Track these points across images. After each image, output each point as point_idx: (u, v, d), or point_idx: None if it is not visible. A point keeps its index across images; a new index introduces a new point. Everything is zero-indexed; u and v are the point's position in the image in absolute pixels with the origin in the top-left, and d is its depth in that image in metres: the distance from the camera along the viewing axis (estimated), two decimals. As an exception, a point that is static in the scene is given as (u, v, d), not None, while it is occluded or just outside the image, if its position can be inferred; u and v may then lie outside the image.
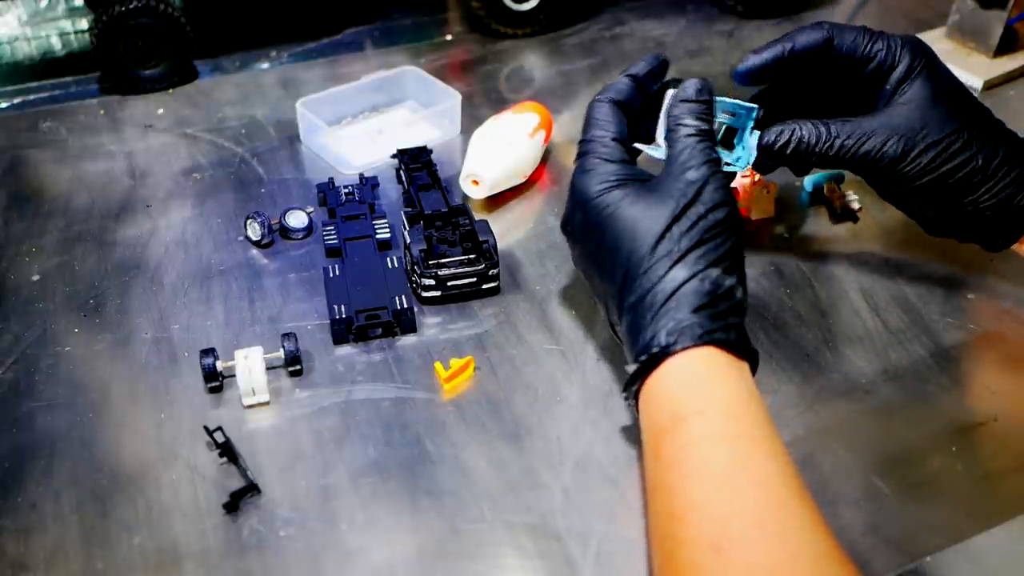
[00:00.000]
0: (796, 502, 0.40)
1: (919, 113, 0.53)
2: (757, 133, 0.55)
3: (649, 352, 0.45)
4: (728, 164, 0.54)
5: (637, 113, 0.55)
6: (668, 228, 0.46)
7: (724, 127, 0.55)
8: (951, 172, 0.52)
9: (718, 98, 0.53)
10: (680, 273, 0.46)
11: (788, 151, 0.54)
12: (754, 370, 0.46)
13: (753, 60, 0.55)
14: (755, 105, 0.54)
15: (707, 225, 0.46)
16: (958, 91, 0.54)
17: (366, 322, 0.56)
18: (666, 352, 0.44)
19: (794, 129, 0.54)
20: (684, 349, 0.44)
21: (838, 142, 0.53)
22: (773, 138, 0.54)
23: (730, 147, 0.55)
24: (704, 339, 0.44)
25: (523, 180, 0.70)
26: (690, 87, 0.51)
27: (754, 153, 0.55)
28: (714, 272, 0.46)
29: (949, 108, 0.53)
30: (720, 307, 0.45)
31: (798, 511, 0.39)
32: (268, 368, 0.54)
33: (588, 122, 0.53)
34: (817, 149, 0.53)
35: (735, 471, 0.40)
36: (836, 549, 0.39)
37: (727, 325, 0.45)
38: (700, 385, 0.44)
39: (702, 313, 0.45)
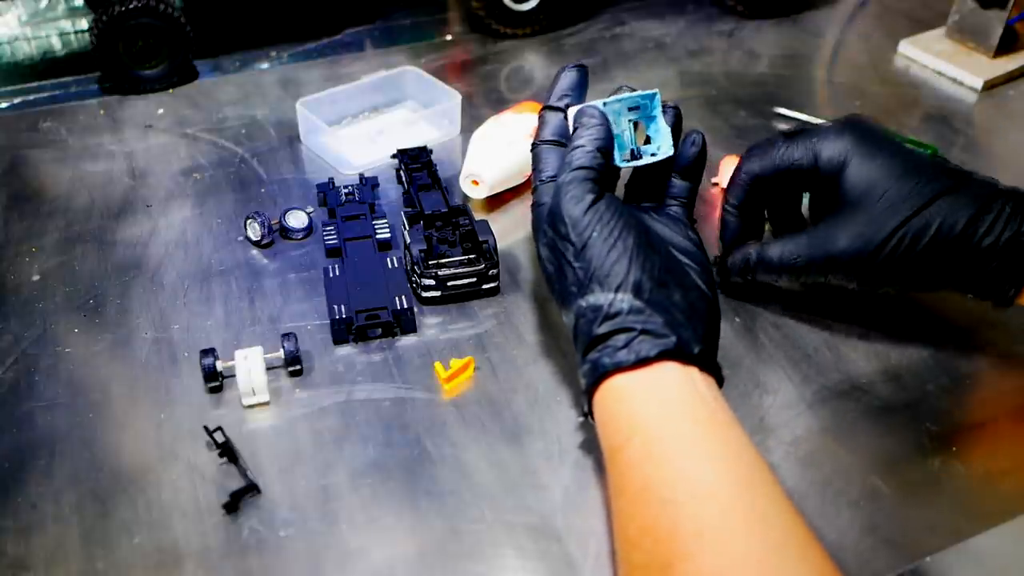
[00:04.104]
0: (740, 504, 0.39)
1: (876, 187, 0.51)
2: (666, 114, 0.54)
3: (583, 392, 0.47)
4: (653, 155, 0.54)
5: None
6: (558, 273, 0.49)
7: (637, 124, 0.54)
8: (942, 225, 0.50)
9: (618, 97, 0.53)
10: (567, 318, 0.48)
11: (753, 274, 0.56)
12: (704, 363, 0.45)
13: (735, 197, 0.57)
14: (655, 91, 0.54)
15: (573, 256, 0.47)
16: (902, 150, 0.53)
17: (366, 322, 0.56)
18: (588, 391, 0.46)
19: (748, 252, 0.56)
20: (595, 386, 0.45)
21: (804, 249, 0.53)
22: (737, 260, 0.56)
23: (648, 141, 0.55)
24: (600, 373, 0.45)
25: (523, 180, 0.70)
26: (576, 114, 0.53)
27: (670, 136, 0.54)
28: (598, 297, 0.46)
29: (900, 165, 0.51)
30: (603, 330, 0.45)
31: (742, 514, 0.39)
32: (268, 368, 0.54)
33: (532, 166, 0.54)
34: (784, 262, 0.54)
35: (672, 491, 0.40)
36: (798, 545, 0.38)
37: (619, 347, 0.44)
38: (619, 414, 0.44)
39: (593, 351, 0.45)
